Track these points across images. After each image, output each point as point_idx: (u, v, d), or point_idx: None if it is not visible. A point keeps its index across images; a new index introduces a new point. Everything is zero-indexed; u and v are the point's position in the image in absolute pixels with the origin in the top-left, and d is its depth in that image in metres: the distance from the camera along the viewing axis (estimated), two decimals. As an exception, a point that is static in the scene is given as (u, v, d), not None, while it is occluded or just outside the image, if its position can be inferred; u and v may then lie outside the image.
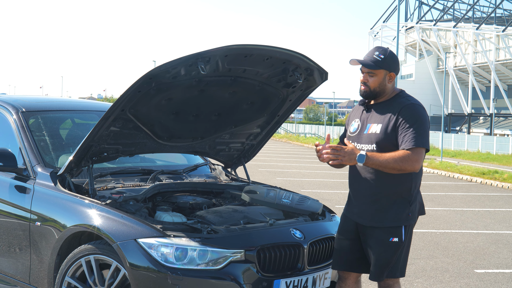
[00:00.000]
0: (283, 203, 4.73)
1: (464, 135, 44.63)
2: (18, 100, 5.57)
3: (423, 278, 7.05)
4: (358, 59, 4.12)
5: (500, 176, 20.05)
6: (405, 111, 4.02)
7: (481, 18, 70.10)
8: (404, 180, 4.04)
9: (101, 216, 4.17)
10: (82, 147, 4.44)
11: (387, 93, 4.17)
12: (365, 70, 4.12)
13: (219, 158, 5.65)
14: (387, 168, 3.91)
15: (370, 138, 4.08)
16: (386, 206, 4.06)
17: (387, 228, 4.06)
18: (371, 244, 4.12)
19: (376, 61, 4.08)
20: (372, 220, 4.09)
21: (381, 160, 3.90)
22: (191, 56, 4.04)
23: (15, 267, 4.79)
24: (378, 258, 4.09)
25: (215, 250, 3.97)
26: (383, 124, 4.05)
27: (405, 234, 4.10)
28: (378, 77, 4.10)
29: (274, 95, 4.97)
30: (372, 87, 4.12)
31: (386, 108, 4.11)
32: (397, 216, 4.05)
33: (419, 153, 3.92)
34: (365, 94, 4.16)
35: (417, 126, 3.96)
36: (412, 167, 3.91)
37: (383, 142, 4.02)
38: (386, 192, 4.05)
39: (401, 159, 3.88)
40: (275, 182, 16.01)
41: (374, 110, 4.17)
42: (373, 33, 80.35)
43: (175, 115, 4.73)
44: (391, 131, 4.02)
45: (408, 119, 3.98)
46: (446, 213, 12.46)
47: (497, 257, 8.41)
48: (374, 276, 4.15)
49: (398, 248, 4.09)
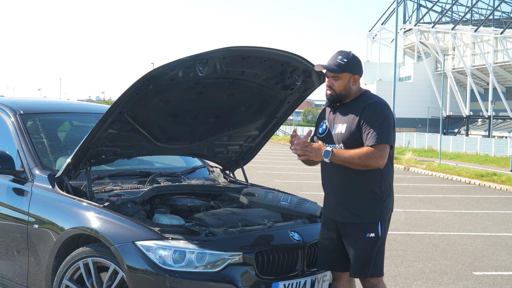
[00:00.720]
0: (281, 206, 4.73)
1: (463, 137, 44.61)
2: (16, 102, 5.56)
3: (421, 281, 7.05)
4: (322, 64, 4.24)
5: (499, 178, 20.06)
6: (368, 109, 4.12)
7: (479, 20, 70.18)
8: (374, 177, 4.14)
9: (99, 218, 4.16)
10: (80, 150, 4.43)
11: (352, 95, 4.26)
12: (330, 75, 4.21)
13: (217, 161, 5.64)
14: (352, 164, 4.00)
15: (337, 138, 4.19)
16: (359, 202, 4.14)
17: (363, 224, 4.13)
18: (349, 241, 4.18)
19: (340, 65, 4.18)
20: (346, 216, 4.16)
21: (346, 156, 4.00)
22: (189, 58, 4.04)
23: (13, 270, 4.78)
24: (356, 255, 4.15)
25: (213, 252, 3.96)
26: (347, 124, 4.16)
27: (381, 229, 4.18)
28: (343, 80, 4.19)
29: (272, 97, 4.96)
30: (338, 91, 4.21)
31: (351, 108, 4.21)
32: (371, 212, 4.14)
33: (382, 149, 4.01)
34: (331, 98, 4.25)
35: (380, 124, 4.06)
36: (376, 163, 4.00)
37: (349, 141, 4.12)
38: (358, 188, 4.14)
39: (365, 156, 3.97)
40: (274, 184, 16.00)
41: (339, 111, 4.27)
42: (371, 35, 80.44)
43: (173, 117, 4.73)
44: (355, 129, 4.11)
45: (371, 117, 4.08)
46: (444, 215, 12.46)
47: (496, 259, 8.40)
48: (354, 272, 4.20)
49: (376, 243, 4.16)
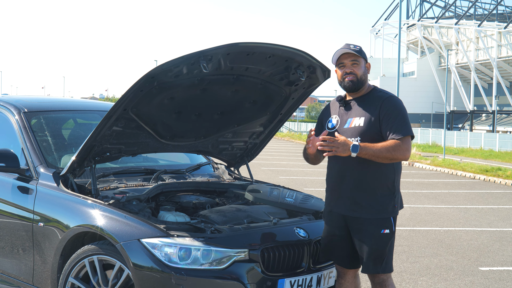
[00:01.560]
0: (286, 202, 4.71)
1: (467, 133, 44.58)
2: (20, 100, 5.56)
3: (427, 276, 7.03)
4: (345, 47, 4.22)
5: (504, 173, 20.00)
6: (387, 103, 4.15)
7: (482, 15, 70.05)
8: (387, 172, 4.15)
9: (104, 216, 4.15)
10: (85, 147, 4.42)
11: (366, 86, 4.28)
12: (349, 60, 4.21)
13: (222, 157, 5.63)
14: (380, 158, 4.01)
15: (353, 131, 4.16)
16: (372, 197, 4.12)
17: (377, 219, 4.12)
18: (362, 238, 4.15)
19: (356, 50, 4.22)
20: (359, 211, 4.13)
21: (374, 149, 4.00)
22: (193, 54, 4.02)
23: (18, 268, 4.77)
24: (370, 251, 4.13)
25: (219, 249, 3.95)
26: (365, 117, 4.15)
27: (394, 225, 4.18)
28: (360, 66, 4.22)
29: (276, 93, 4.94)
30: (359, 75, 4.21)
31: (366, 102, 4.21)
32: (384, 207, 4.13)
33: (408, 142, 4.08)
34: (352, 84, 4.22)
35: (402, 117, 4.11)
36: (403, 156, 4.04)
37: (367, 134, 4.12)
38: (371, 183, 4.13)
39: (393, 148, 4.00)
40: (278, 181, 15.99)
41: (353, 105, 4.25)
42: (374, 31, 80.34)
43: (177, 114, 4.71)
44: (374, 123, 4.12)
45: (392, 110, 4.12)
46: (449, 211, 12.43)
47: (502, 255, 8.38)
48: (367, 268, 4.19)
49: (390, 239, 4.16)
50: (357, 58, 4.20)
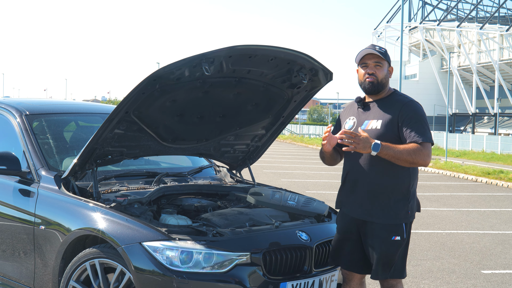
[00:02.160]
0: (288, 205, 4.70)
1: (469, 135, 44.50)
2: (21, 103, 5.55)
3: (429, 279, 7.01)
4: (371, 48, 4.18)
5: (506, 176, 19.98)
6: (407, 107, 4.10)
7: (484, 17, 70.03)
8: (403, 177, 4.09)
9: (106, 219, 4.14)
10: (86, 150, 4.41)
11: (387, 89, 4.23)
12: (373, 61, 4.16)
13: (224, 160, 5.62)
14: (400, 160, 3.96)
15: (369, 133, 4.09)
16: (385, 202, 4.07)
17: (388, 225, 4.07)
18: (372, 243, 4.11)
19: (381, 52, 4.18)
20: (372, 216, 4.09)
21: (395, 150, 3.95)
22: (195, 57, 4.01)
23: (19, 271, 4.76)
24: (380, 257, 4.09)
25: (221, 253, 3.94)
26: (383, 120, 4.10)
27: (406, 232, 4.12)
28: (383, 68, 4.18)
29: (278, 96, 4.93)
30: (380, 78, 4.16)
31: (385, 105, 4.16)
32: (397, 213, 4.08)
33: (428, 148, 4.02)
34: (372, 86, 4.17)
35: (422, 122, 4.07)
36: (423, 161, 3.98)
37: (384, 137, 4.05)
38: (387, 187, 4.07)
39: (414, 152, 3.95)
40: (280, 184, 15.98)
41: (372, 107, 4.21)
42: (376, 33, 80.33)
43: (179, 117, 4.70)
44: (392, 127, 4.07)
45: (412, 115, 4.06)
46: (451, 214, 12.41)
47: (504, 258, 8.36)
48: (376, 275, 4.15)
49: (400, 246, 4.11)
50: (381, 60, 4.16)
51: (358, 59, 4.22)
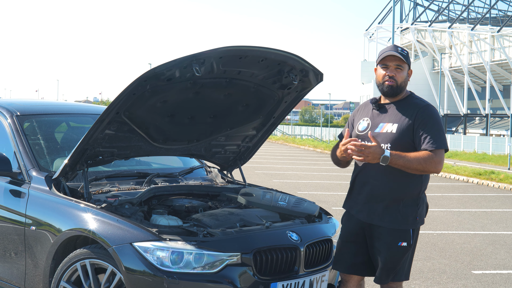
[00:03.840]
0: (279, 206, 4.71)
1: (460, 136, 44.63)
2: (12, 103, 5.54)
3: (420, 280, 7.04)
4: (394, 50, 4.06)
5: (497, 177, 20.05)
6: (423, 112, 4.02)
7: (476, 18, 70.21)
8: (414, 183, 4.03)
9: (97, 220, 4.14)
10: (77, 151, 4.41)
11: (403, 92, 4.15)
12: (394, 63, 4.06)
13: (215, 161, 5.63)
14: (410, 169, 3.89)
15: (384, 137, 4.03)
16: (394, 207, 4.03)
17: (395, 230, 4.03)
18: (379, 247, 4.08)
19: (403, 55, 4.07)
20: (380, 220, 4.05)
21: (405, 160, 3.88)
22: (185, 58, 4.02)
23: (10, 272, 4.76)
24: (385, 262, 4.07)
25: (211, 253, 3.94)
26: (399, 124, 4.03)
27: (413, 238, 4.09)
28: (404, 71, 4.09)
29: (269, 97, 4.94)
30: (400, 82, 4.09)
31: (402, 109, 4.08)
32: (405, 219, 4.03)
33: (441, 154, 3.93)
34: (391, 89, 4.08)
35: (437, 128, 3.98)
36: (435, 169, 3.91)
37: (398, 142, 3.99)
38: (396, 193, 4.02)
39: (425, 160, 3.87)
40: (272, 184, 15.99)
41: (388, 109, 4.13)
42: (368, 34, 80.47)
43: (170, 118, 4.71)
44: (408, 131, 4.00)
45: (427, 120, 3.98)
46: (443, 214, 12.45)
47: (495, 258, 8.40)
48: (379, 279, 4.14)
49: (406, 252, 4.08)
50: (402, 63, 4.07)
51: (380, 59, 4.11)
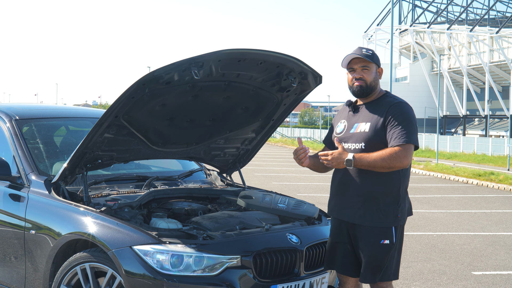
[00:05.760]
0: (279, 208, 4.71)
1: (460, 137, 44.68)
2: (11, 108, 5.55)
3: (420, 281, 7.04)
4: (355, 53, 4.15)
5: (496, 178, 20.06)
6: (393, 109, 4.07)
7: (474, 20, 70.24)
8: (393, 180, 4.06)
9: (96, 223, 4.14)
10: (76, 154, 4.41)
11: (377, 91, 4.22)
12: (359, 65, 4.15)
13: (214, 164, 5.63)
14: (376, 168, 3.95)
15: (358, 137, 4.11)
16: (375, 206, 4.06)
17: (377, 228, 4.06)
18: (361, 246, 4.12)
19: (368, 55, 4.15)
20: (361, 219, 4.08)
21: (369, 160, 3.94)
22: (184, 61, 4.02)
23: (10, 276, 4.76)
24: (368, 261, 4.09)
25: (211, 256, 3.94)
26: (371, 123, 4.09)
27: (396, 235, 4.11)
28: (371, 71, 4.16)
29: (268, 100, 4.95)
30: (369, 81, 4.15)
31: (375, 108, 4.15)
32: (386, 217, 4.06)
33: (407, 149, 3.96)
34: (361, 89, 4.16)
35: (406, 124, 4.02)
36: (401, 164, 3.94)
37: (372, 140, 4.06)
38: (375, 191, 4.06)
39: (389, 157, 3.92)
40: (271, 187, 15.99)
41: (361, 110, 4.20)
42: (367, 36, 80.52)
43: (169, 121, 4.71)
44: (380, 129, 4.05)
45: (396, 117, 4.03)
46: (442, 215, 12.45)
47: (495, 259, 8.40)
48: (364, 278, 4.15)
49: (390, 250, 4.09)
50: (367, 63, 4.14)
51: (345, 64, 4.21)
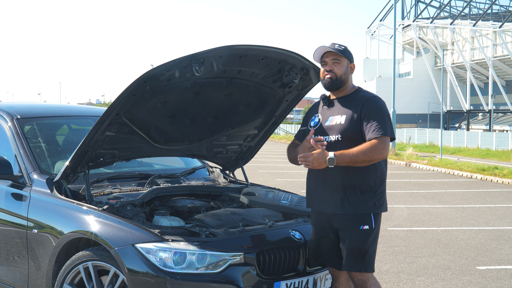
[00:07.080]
0: (282, 204, 4.70)
1: (463, 132, 44.59)
2: (13, 107, 5.54)
3: (425, 276, 7.02)
4: (325, 46, 4.22)
5: (500, 172, 20.01)
6: (369, 103, 4.15)
7: (477, 14, 70.14)
8: (368, 169, 4.12)
9: (99, 222, 4.13)
10: (78, 153, 4.40)
11: (349, 85, 4.28)
12: (330, 59, 4.21)
13: (216, 161, 5.61)
14: (358, 162, 4.01)
15: (334, 128, 4.16)
16: (353, 195, 4.10)
17: (356, 215, 4.10)
18: (343, 234, 4.13)
19: (339, 50, 4.21)
20: (341, 208, 4.11)
21: (350, 155, 3.99)
22: (185, 58, 4.01)
23: (13, 275, 4.75)
24: (350, 247, 4.10)
25: (214, 253, 3.93)
26: (347, 115, 4.15)
27: (375, 222, 4.15)
28: (342, 65, 4.22)
29: (270, 96, 4.93)
30: (339, 74, 4.21)
31: (349, 102, 4.22)
32: (364, 204, 4.11)
33: (385, 141, 4.05)
34: (331, 82, 4.22)
35: (381, 117, 4.10)
36: (381, 155, 4.03)
37: (348, 131, 4.12)
38: (353, 181, 4.11)
39: (369, 150, 3.99)
40: (275, 183, 15.98)
41: (336, 104, 4.26)
42: (370, 32, 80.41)
43: (171, 118, 4.70)
44: (356, 122, 4.12)
45: (372, 110, 4.11)
46: (447, 210, 12.43)
47: (499, 254, 8.37)
48: (347, 265, 4.14)
49: (370, 235, 4.12)
50: (338, 57, 4.20)
51: (317, 58, 4.27)
